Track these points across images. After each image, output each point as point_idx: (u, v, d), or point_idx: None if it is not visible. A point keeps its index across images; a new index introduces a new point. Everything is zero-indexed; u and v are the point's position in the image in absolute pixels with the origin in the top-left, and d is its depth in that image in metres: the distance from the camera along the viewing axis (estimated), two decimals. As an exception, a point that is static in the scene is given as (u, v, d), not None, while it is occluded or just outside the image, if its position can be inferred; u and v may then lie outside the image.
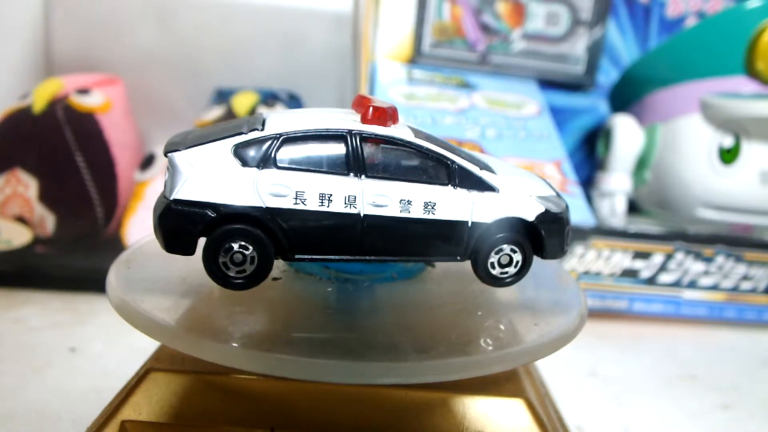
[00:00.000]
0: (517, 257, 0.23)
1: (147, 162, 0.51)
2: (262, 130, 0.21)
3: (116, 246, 0.47)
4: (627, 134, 0.57)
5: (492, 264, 0.23)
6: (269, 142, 0.21)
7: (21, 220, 0.46)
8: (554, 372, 0.35)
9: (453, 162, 0.22)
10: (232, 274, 0.20)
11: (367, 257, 0.22)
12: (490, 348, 0.19)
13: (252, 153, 0.20)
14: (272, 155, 0.21)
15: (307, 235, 0.21)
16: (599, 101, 0.65)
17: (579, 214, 0.47)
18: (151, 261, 0.24)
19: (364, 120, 0.22)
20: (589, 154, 0.64)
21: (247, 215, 0.20)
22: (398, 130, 0.22)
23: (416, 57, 0.60)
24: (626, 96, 0.62)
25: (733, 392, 0.41)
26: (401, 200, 0.21)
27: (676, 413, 0.38)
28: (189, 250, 0.20)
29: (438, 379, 0.18)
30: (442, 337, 0.20)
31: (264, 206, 0.20)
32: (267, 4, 0.65)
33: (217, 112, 0.54)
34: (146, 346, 0.25)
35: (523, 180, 0.24)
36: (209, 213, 0.20)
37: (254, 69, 0.66)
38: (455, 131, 0.52)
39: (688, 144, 0.54)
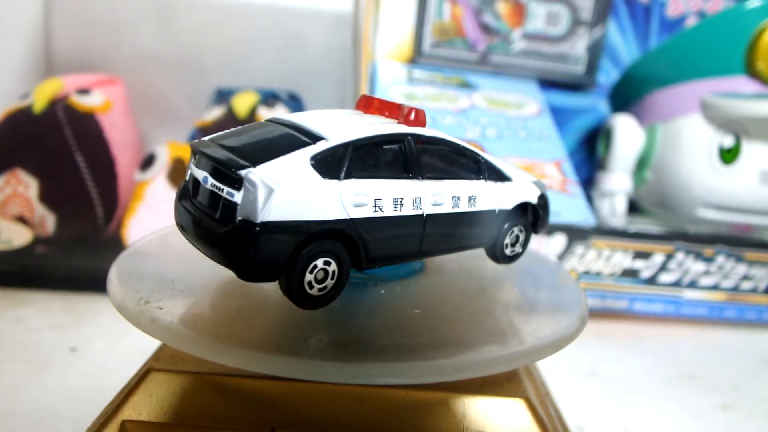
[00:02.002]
0: (523, 236, 0.26)
1: (147, 162, 0.51)
2: (327, 139, 0.20)
3: (116, 246, 0.47)
4: (627, 134, 0.57)
5: (506, 245, 0.26)
6: (342, 151, 0.20)
7: (21, 220, 0.46)
8: (554, 372, 0.35)
9: (482, 157, 0.24)
10: (314, 293, 0.20)
11: (425, 255, 0.23)
12: (491, 348, 0.19)
13: (329, 164, 0.19)
14: (349, 164, 0.20)
15: (382, 242, 0.21)
16: (599, 101, 0.65)
17: (579, 214, 0.47)
18: (152, 260, 0.24)
19: (407, 122, 0.22)
20: (589, 154, 0.64)
21: (334, 229, 0.19)
22: (437, 131, 0.23)
23: (416, 57, 0.60)
24: (626, 96, 0.62)
25: (733, 392, 0.41)
26: (452, 197, 0.22)
27: (676, 413, 0.38)
28: (277, 276, 0.19)
29: (438, 380, 0.18)
30: (443, 337, 0.20)
31: (348, 218, 0.19)
32: (267, 4, 0.65)
33: (217, 112, 0.54)
34: (146, 346, 0.25)
35: (516, 168, 0.26)
36: (301, 232, 0.18)
37: (254, 69, 0.65)
38: (455, 131, 0.52)
39: (688, 144, 0.54)
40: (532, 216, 0.26)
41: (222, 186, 0.19)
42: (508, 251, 0.26)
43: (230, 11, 0.64)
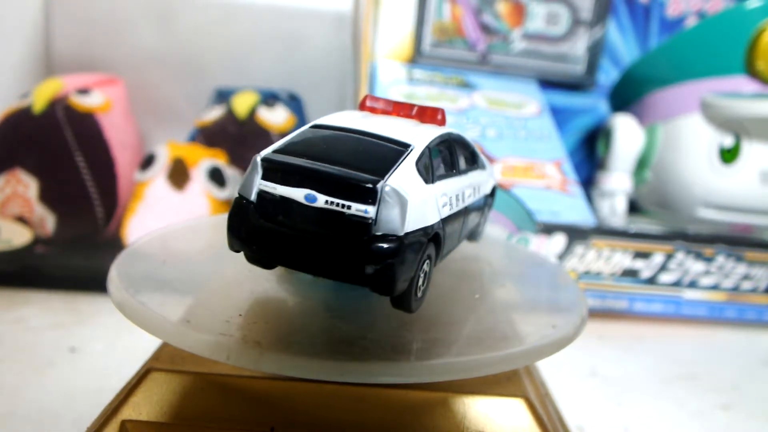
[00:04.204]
0: (487, 215, 0.28)
1: (147, 162, 0.51)
2: (413, 145, 0.20)
3: (116, 246, 0.47)
4: (627, 134, 0.57)
5: (479, 224, 0.28)
6: (427, 156, 0.20)
7: (21, 220, 0.46)
8: (555, 372, 0.35)
9: (475, 148, 0.26)
10: (419, 296, 0.20)
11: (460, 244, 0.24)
12: (491, 348, 0.19)
13: (424, 169, 0.20)
14: (433, 167, 0.20)
15: (450, 237, 0.22)
16: (599, 101, 0.65)
17: (579, 214, 0.47)
18: (153, 259, 0.24)
19: (435, 122, 0.23)
20: (589, 154, 0.64)
21: (434, 232, 0.20)
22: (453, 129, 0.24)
23: (416, 57, 0.60)
24: (626, 96, 0.62)
25: (733, 392, 0.41)
26: (473, 188, 0.24)
27: (676, 413, 0.38)
28: (408, 285, 0.19)
29: (439, 379, 0.18)
30: (444, 337, 0.20)
31: (440, 218, 0.20)
32: (267, 4, 0.65)
33: (217, 112, 0.54)
34: (146, 346, 0.25)
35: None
36: (424, 240, 0.19)
37: (254, 69, 0.66)
38: (455, 131, 0.52)
39: (688, 144, 0.54)
40: (492, 196, 0.29)
41: (346, 202, 0.18)
42: (479, 229, 0.28)
43: (230, 11, 0.64)
